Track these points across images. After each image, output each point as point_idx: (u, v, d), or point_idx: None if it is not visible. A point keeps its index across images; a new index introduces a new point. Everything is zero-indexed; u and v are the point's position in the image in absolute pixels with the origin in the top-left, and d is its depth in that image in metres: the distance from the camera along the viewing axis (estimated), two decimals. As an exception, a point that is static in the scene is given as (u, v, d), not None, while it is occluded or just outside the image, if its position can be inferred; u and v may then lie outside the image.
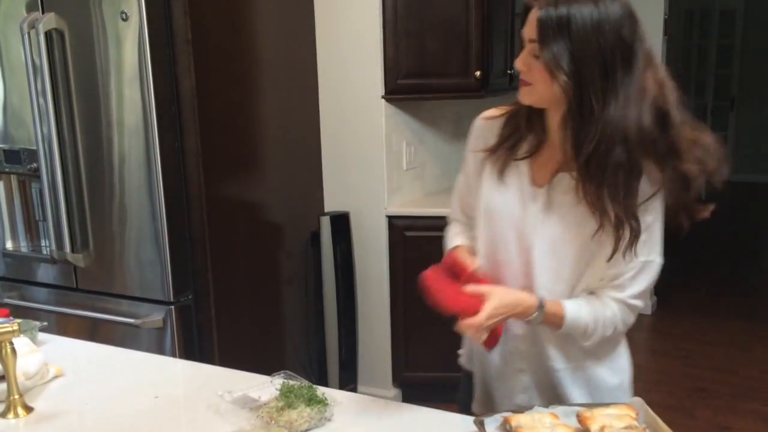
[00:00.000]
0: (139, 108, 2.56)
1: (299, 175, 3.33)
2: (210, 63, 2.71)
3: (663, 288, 5.02)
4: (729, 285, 5.47)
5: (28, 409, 1.53)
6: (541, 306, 1.43)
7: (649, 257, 1.46)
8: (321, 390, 1.48)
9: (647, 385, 3.80)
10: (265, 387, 1.54)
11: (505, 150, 1.53)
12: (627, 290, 1.47)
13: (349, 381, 3.47)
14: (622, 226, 1.39)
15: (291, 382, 1.49)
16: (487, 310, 1.37)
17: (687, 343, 4.35)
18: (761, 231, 7.23)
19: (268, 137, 3.09)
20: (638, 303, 1.49)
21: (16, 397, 1.51)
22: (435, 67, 3.24)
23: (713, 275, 5.72)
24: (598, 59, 1.32)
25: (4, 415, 1.50)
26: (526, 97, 1.43)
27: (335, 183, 3.46)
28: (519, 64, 1.40)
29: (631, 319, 1.51)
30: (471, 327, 1.37)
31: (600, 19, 1.31)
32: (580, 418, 1.36)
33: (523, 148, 1.52)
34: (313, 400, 1.43)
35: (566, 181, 1.45)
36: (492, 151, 1.54)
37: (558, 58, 1.32)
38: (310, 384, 1.49)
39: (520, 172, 1.52)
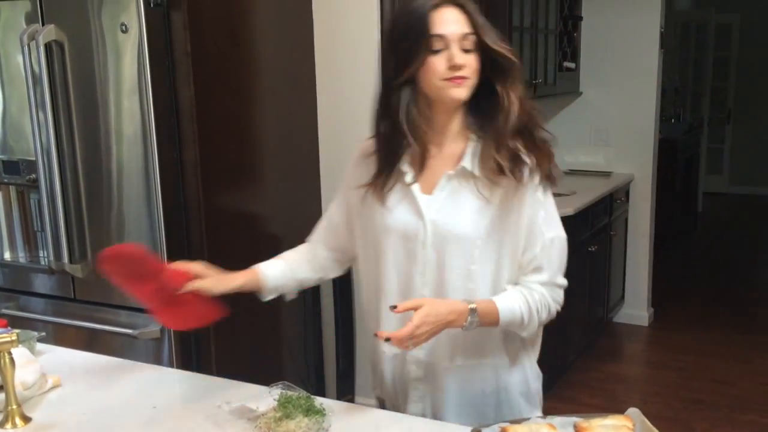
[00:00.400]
0: (138, 119, 2.57)
1: (298, 185, 3.33)
2: (209, 74, 2.72)
3: (660, 300, 5.04)
4: (726, 297, 5.48)
5: (26, 419, 1.53)
6: (473, 310, 1.46)
7: (554, 233, 1.55)
8: (319, 400, 1.49)
9: (644, 396, 3.81)
10: (263, 397, 1.54)
11: (385, 176, 1.60)
12: (546, 270, 1.54)
13: (346, 391, 3.47)
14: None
15: (289, 393, 1.50)
16: (416, 319, 1.40)
17: (684, 355, 4.36)
18: (758, 243, 7.25)
19: (266, 148, 3.09)
20: (561, 280, 1.58)
21: (14, 407, 1.52)
22: (433, 79, 3.25)
23: (710, 287, 5.72)
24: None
25: (2, 425, 1.50)
26: (466, 90, 1.49)
27: (333, 193, 3.44)
28: (461, 58, 1.45)
29: (560, 297, 1.58)
30: (399, 339, 1.40)
31: None
32: (577, 429, 1.36)
33: (406, 169, 1.57)
34: (311, 411, 1.44)
35: (456, 178, 1.53)
36: (376, 181, 1.61)
37: (498, 37, 1.48)
38: (308, 394, 1.50)
39: (404, 187, 1.58)
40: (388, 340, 1.41)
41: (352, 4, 3.25)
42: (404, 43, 1.48)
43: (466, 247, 1.53)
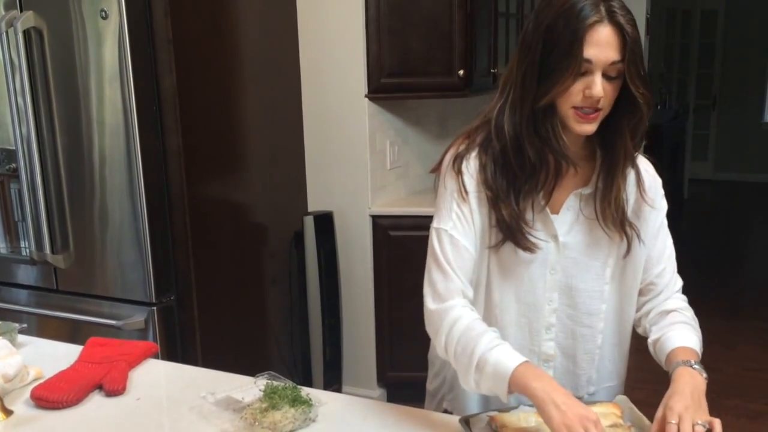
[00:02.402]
0: (120, 107, 2.53)
1: (282, 175, 3.31)
2: (191, 62, 2.68)
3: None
4: (712, 283, 5.50)
5: (8, 413, 1.51)
6: (688, 362, 1.36)
7: (671, 238, 1.54)
8: (305, 390, 1.47)
9: (632, 383, 3.79)
10: (248, 388, 1.52)
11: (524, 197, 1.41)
12: (678, 278, 1.55)
13: (333, 381, 3.46)
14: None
15: (275, 383, 1.48)
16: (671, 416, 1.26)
17: (670, 341, 4.37)
18: (744, 229, 7.29)
19: (250, 136, 3.06)
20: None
21: (-5, 400, 1.49)
22: (419, 66, 3.23)
23: (696, 273, 5.73)
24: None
25: (-18, 418, 1.48)
26: (595, 125, 1.33)
27: (319, 182, 3.44)
28: (600, 91, 1.27)
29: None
30: None
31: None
32: (565, 417, 1.35)
33: (539, 185, 1.41)
34: (297, 401, 1.42)
35: (584, 198, 1.43)
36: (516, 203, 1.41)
37: (641, 71, 1.29)
38: (295, 385, 1.48)
39: (540, 208, 1.43)
40: None
41: (337, -10, 3.22)
42: (554, 56, 1.28)
43: (598, 270, 1.47)
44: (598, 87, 1.27)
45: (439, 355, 1.42)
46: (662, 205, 1.49)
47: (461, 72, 3.19)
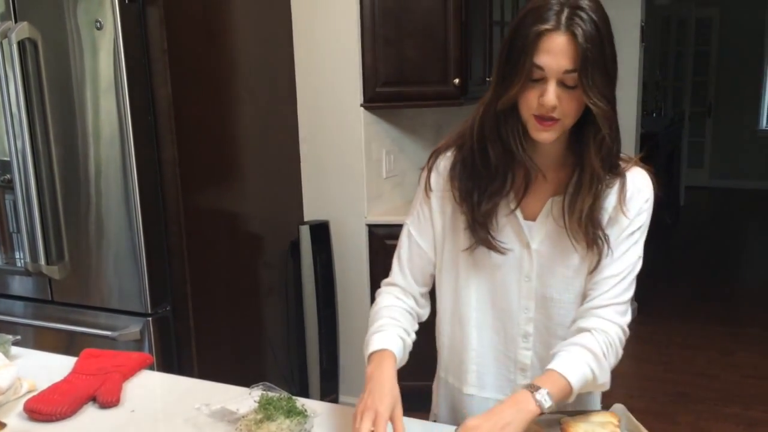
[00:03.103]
0: (115, 118, 2.53)
1: (278, 184, 3.30)
2: (186, 72, 2.68)
3: (644, 294, 5.04)
4: (709, 290, 5.50)
5: (1, 425, 1.50)
6: (534, 387, 1.29)
7: (639, 253, 1.43)
8: (301, 401, 1.46)
9: (629, 391, 3.81)
10: (243, 399, 1.51)
11: (489, 200, 1.41)
12: (624, 298, 1.40)
13: (330, 390, 3.45)
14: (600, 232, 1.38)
15: (270, 394, 1.47)
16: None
17: (668, 349, 4.37)
18: (740, 236, 7.30)
19: (246, 146, 3.06)
20: (628, 309, 1.44)
21: (-12, 413, 1.48)
22: (414, 75, 3.23)
23: (693, 280, 5.75)
24: (613, 71, 1.28)
25: (-25, 431, 1.47)
26: (552, 135, 1.31)
27: (314, 192, 3.44)
28: (553, 100, 1.25)
29: (625, 330, 1.42)
30: None
31: (607, 21, 1.27)
32: (562, 427, 1.34)
33: (508, 189, 1.41)
34: (292, 412, 1.41)
35: (556, 206, 1.40)
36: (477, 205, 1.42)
37: (599, 84, 1.25)
38: (290, 395, 1.47)
39: (509, 212, 1.42)
40: None
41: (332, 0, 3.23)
42: (510, 60, 1.28)
43: (573, 281, 1.43)
44: (550, 95, 1.25)
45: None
46: (637, 218, 1.40)
47: (456, 80, 3.19)
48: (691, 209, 8.26)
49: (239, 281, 3.07)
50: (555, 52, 1.23)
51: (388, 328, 1.45)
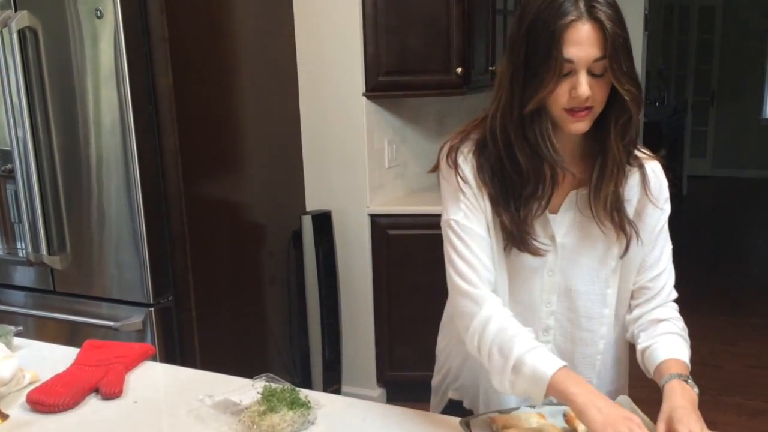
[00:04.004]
0: (116, 107, 2.52)
1: (280, 174, 3.29)
2: (187, 61, 2.67)
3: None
4: (712, 280, 5.50)
5: (4, 417, 1.49)
6: (681, 376, 1.35)
7: (670, 243, 1.49)
8: (304, 393, 1.45)
9: (632, 381, 3.79)
10: (246, 390, 1.50)
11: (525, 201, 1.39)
12: (673, 287, 1.50)
13: (333, 382, 3.45)
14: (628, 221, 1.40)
15: (273, 385, 1.46)
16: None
17: (671, 338, 4.36)
18: (742, 225, 7.28)
19: (248, 135, 3.05)
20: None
21: (-10, 404, 1.48)
22: (416, 64, 3.22)
23: (696, 270, 5.74)
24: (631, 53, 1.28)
25: (-23, 423, 1.46)
26: (587, 124, 1.30)
27: (317, 181, 3.43)
28: (587, 90, 1.24)
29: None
30: None
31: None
32: (567, 418, 1.34)
33: (542, 191, 1.37)
34: (295, 404, 1.40)
35: (581, 198, 1.40)
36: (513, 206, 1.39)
37: (625, 68, 1.24)
38: (293, 387, 1.46)
39: (541, 211, 1.40)
40: None
41: (334, -13, 3.21)
42: (534, 60, 1.25)
43: (597, 272, 1.44)
44: (584, 87, 1.24)
45: (470, 352, 1.39)
46: (666, 208, 1.45)
47: (459, 70, 3.17)
48: (694, 199, 8.24)
49: (241, 272, 3.06)
50: (583, 43, 1.21)
51: (537, 344, 1.32)
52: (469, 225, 1.39)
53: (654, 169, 1.43)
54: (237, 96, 2.96)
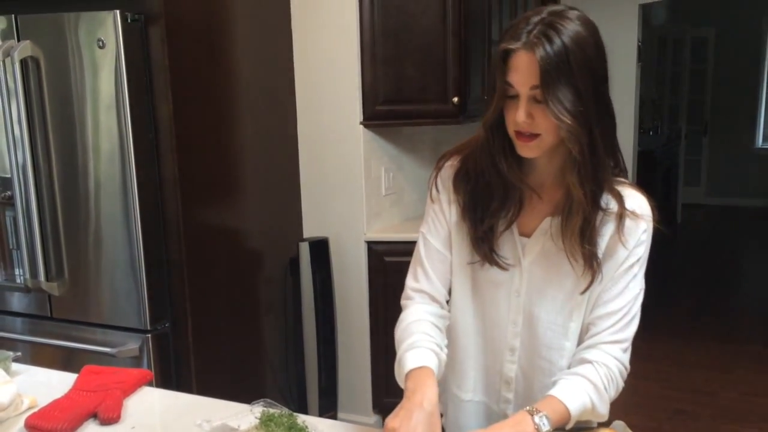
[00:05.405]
0: (116, 135, 2.55)
1: (278, 201, 3.32)
2: (187, 90, 2.70)
3: (642, 311, 5.04)
4: (707, 307, 5.51)
5: (1, 442, 1.50)
6: (534, 411, 1.30)
7: (641, 286, 1.43)
8: (301, 418, 1.46)
9: (627, 408, 3.79)
10: (244, 415, 1.51)
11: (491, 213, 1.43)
12: (626, 333, 1.41)
13: (329, 408, 3.44)
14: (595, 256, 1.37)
15: (271, 410, 1.47)
16: None
17: (667, 366, 4.37)
18: (737, 253, 7.31)
19: (246, 163, 3.08)
20: (630, 340, 1.44)
21: (-11, 429, 1.48)
22: (413, 93, 3.26)
23: (691, 298, 5.75)
24: (595, 89, 1.27)
25: (-25, 448, 1.47)
26: (534, 150, 1.32)
27: (314, 209, 3.45)
28: (522, 116, 1.27)
29: (627, 362, 1.43)
30: None
31: (591, 42, 1.27)
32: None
33: (507, 208, 1.41)
34: (293, 429, 1.41)
35: (555, 225, 1.40)
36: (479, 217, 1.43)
37: (563, 100, 1.23)
38: (290, 412, 1.47)
39: (505, 228, 1.43)
40: None
41: (332, 18, 3.25)
42: (491, 81, 1.32)
43: (562, 303, 1.42)
44: (519, 111, 1.27)
45: None
46: (636, 252, 1.39)
47: (455, 99, 3.21)
48: (688, 227, 8.28)
49: (238, 298, 3.07)
50: (521, 70, 1.25)
51: (422, 344, 1.41)
52: (430, 239, 1.52)
53: (633, 206, 1.38)
54: (236, 124, 2.99)
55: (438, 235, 1.51)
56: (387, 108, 3.27)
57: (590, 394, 1.35)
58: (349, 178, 3.35)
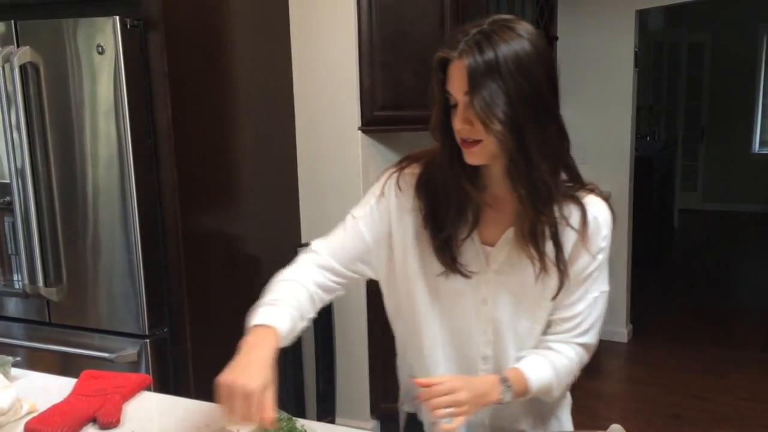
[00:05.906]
0: (115, 141, 2.55)
1: (276, 207, 3.32)
2: (187, 95, 2.71)
3: (639, 316, 5.06)
4: (704, 312, 5.52)
5: (1, 447, 1.50)
6: (505, 380, 1.38)
7: (602, 288, 1.45)
8: (301, 422, 1.47)
9: (624, 413, 3.81)
10: (243, 420, 1.51)
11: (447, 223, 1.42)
12: (585, 334, 1.45)
13: (327, 413, 3.44)
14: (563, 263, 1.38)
15: (270, 415, 1.47)
16: (447, 378, 1.35)
17: (663, 371, 4.38)
18: (733, 258, 7.32)
19: (245, 169, 3.08)
20: (593, 341, 1.47)
21: (-12, 434, 1.48)
22: (411, 99, 3.26)
23: (688, 303, 5.76)
24: (531, 99, 1.25)
25: (-25, 453, 1.47)
26: (478, 157, 1.32)
27: (312, 214, 3.46)
28: (459, 123, 1.29)
29: (587, 359, 1.48)
30: (432, 392, 1.32)
31: (531, 52, 1.25)
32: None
33: (465, 216, 1.41)
34: (292, 433, 1.42)
35: (517, 234, 1.40)
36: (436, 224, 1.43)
37: (491, 105, 1.23)
38: (290, 416, 1.48)
39: (465, 236, 1.42)
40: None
41: (331, 25, 3.26)
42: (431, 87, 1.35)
43: (530, 311, 1.45)
44: (457, 118, 1.29)
45: None
46: (599, 257, 1.42)
47: (453, 105, 3.22)
48: (685, 232, 8.30)
49: (236, 303, 3.06)
50: (455, 77, 1.27)
51: (282, 304, 1.46)
52: (360, 225, 1.53)
53: (597, 215, 1.40)
54: (234, 130, 3.00)
55: (373, 228, 1.52)
56: (385, 114, 3.28)
57: (551, 377, 1.43)
58: (348, 183, 3.35)
